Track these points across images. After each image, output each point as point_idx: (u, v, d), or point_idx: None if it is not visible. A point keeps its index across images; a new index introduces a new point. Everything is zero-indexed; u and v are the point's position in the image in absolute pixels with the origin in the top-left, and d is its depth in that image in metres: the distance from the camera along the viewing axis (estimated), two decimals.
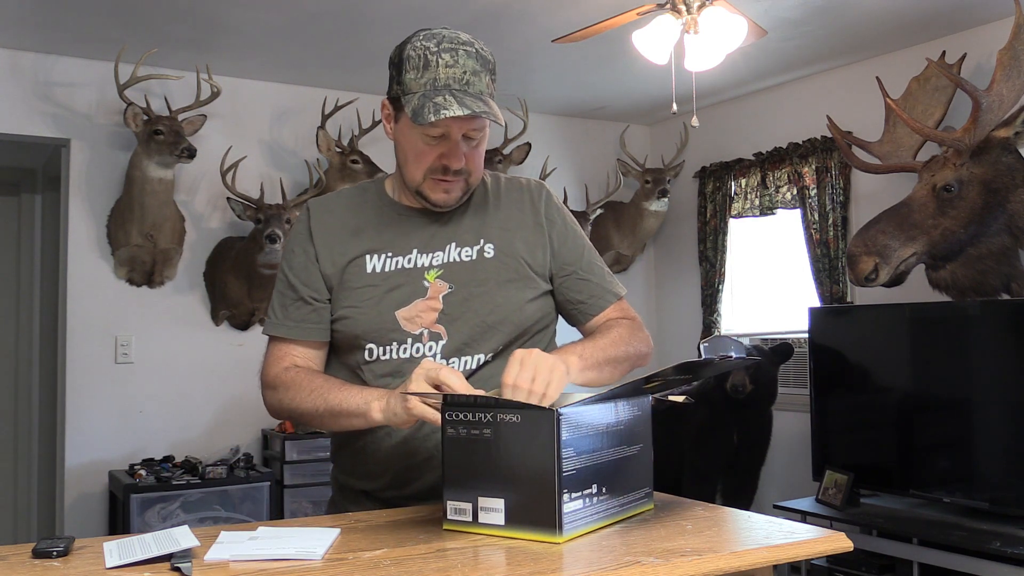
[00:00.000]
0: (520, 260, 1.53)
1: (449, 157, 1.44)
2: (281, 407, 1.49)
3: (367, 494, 1.57)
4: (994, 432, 3.25)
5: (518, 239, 1.55)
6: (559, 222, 1.59)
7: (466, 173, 1.47)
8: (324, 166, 4.23)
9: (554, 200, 1.62)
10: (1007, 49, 3.10)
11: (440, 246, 1.52)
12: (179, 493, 3.57)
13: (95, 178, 3.94)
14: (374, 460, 1.53)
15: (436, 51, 1.39)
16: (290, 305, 1.54)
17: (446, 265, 1.50)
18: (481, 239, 1.53)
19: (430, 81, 1.38)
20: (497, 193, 1.59)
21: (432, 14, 3.45)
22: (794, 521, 1.31)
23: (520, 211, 1.58)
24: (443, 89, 1.38)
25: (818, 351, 3.80)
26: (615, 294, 1.60)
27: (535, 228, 1.56)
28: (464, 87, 1.39)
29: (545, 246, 1.56)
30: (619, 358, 1.49)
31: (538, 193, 1.61)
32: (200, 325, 4.14)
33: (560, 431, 1.14)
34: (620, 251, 5.12)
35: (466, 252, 1.52)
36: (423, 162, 1.45)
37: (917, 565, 3.17)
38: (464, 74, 1.39)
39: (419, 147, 1.44)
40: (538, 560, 1.06)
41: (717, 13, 2.91)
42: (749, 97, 4.74)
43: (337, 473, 1.64)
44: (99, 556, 1.10)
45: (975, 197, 3.18)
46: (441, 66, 1.38)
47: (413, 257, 1.51)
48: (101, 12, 3.42)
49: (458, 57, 1.39)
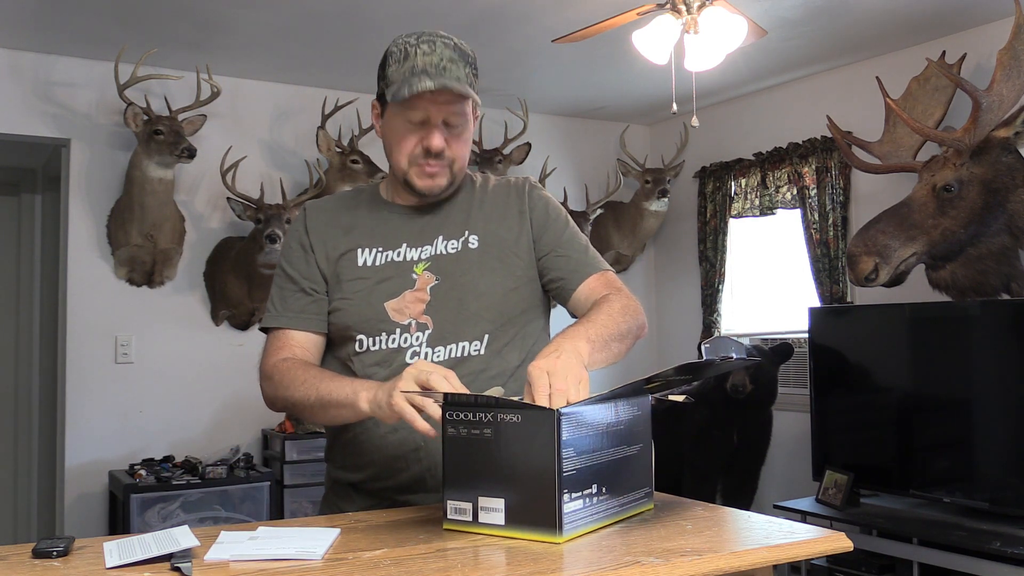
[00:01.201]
0: (504, 249, 1.56)
1: (429, 139, 1.48)
2: (276, 397, 1.50)
3: (355, 487, 1.58)
4: (994, 432, 3.24)
5: (503, 228, 1.58)
6: (540, 208, 1.61)
7: (449, 160, 1.52)
8: (324, 166, 4.23)
9: (539, 191, 1.64)
10: (1007, 49, 3.10)
11: (428, 240, 1.56)
12: (179, 493, 3.57)
13: (95, 178, 3.94)
14: (362, 451, 1.54)
15: (415, 44, 1.46)
16: (289, 297, 1.58)
17: (433, 258, 1.55)
18: (466, 231, 1.57)
19: (409, 68, 1.45)
20: (484, 190, 1.63)
21: (432, 14, 3.45)
22: (794, 521, 1.31)
23: (505, 203, 1.61)
24: (420, 72, 1.43)
25: (818, 351, 3.80)
26: (595, 267, 1.58)
27: (519, 217, 1.59)
28: (440, 71, 1.44)
29: (528, 232, 1.58)
30: (623, 333, 1.46)
31: (523, 185, 1.63)
32: (200, 325, 4.14)
33: (560, 431, 1.14)
34: (620, 251, 5.12)
35: (452, 244, 1.56)
36: (406, 148, 1.51)
37: (917, 565, 3.17)
38: (441, 60, 1.45)
39: (401, 133, 1.50)
40: (538, 560, 1.06)
41: (717, 13, 2.91)
42: (749, 97, 4.74)
43: (330, 468, 1.65)
44: (99, 556, 1.10)
45: (975, 197, 3.18)
46: (419, 55, 1.45)
47: (402, 251, 1.55)
48: (101, 12, 3.42)
49: (436, 47, 1.45)
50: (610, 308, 1.47)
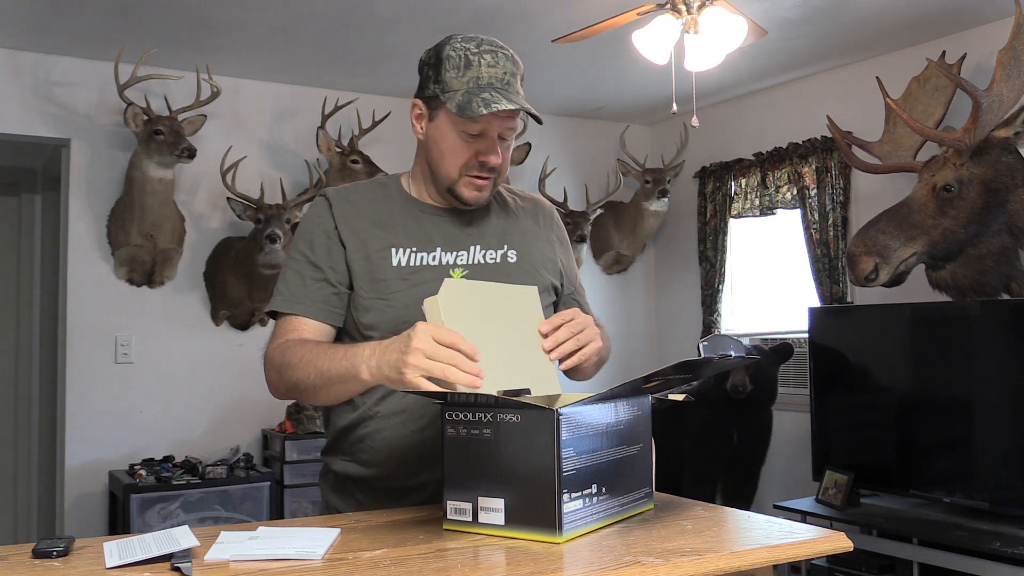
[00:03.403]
0: (539, 269, 1.61)
1: (487, 153, 1.48)
2: (280, 382, 1.44)
3: (363, 482, 1.55)
4: (994, 432, 3.25)
5: (535, 250, 1.63)
6: (565, 244, 1.71)
7: (497, 172, 1.52)
8: (324, 166, 4.23)
9: (560, 221, 1.75)
10: (1007, 49, 3.10)
11: (464, 246, 1.55)
12: (179, 493, 3.57)
13: (95, 178, 3.94)
14: (387, 446, 1.51)
15: (477, 52, 1.45)
16: (311, 284, 1.51)
17: (471, 266, 1.54)
18: (505, 244, 1.59)
19: (473, 79, 1.44)
20: (515, 202, 1.67)
21: (432, 14, 3.45)
22: (794, 521, 1.31)
23: (535, 224, 1.66)
24: (487, 87, 1.43)
25: (818, 351, 3.80)
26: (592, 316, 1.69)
27: (547, 243, 1.66)
28: (505, 86, 1.45)
29: (556, 262, 1.66)
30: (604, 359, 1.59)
31: (550, 213, 1.72)
32: (200, 325, 4.14)
33: (560, 431, 1.14)
34: (620, 251, 5.12)
35: (490, 255, 1.57)
36: (459, 159, 1.49)
37: (917, 565, 3.17)
38: (505, 74, 1.45)
39: (456, 144, 1.48)
40: (538, 560, 1.06)
41: (717, 13, 2.91)
42: (749, 97, 4.74)
43: (333, 461, 1.60)
44: (99, 556, 1.10)
45: (975, 197, 3.18)
46: (484, 66, 1.44)
47: (437, 255, 1.53)
48: (101, 12, 3.42)
49: (498, 59, 1.45)
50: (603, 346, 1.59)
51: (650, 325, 5.34)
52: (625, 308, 5.24)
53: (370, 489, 1.54)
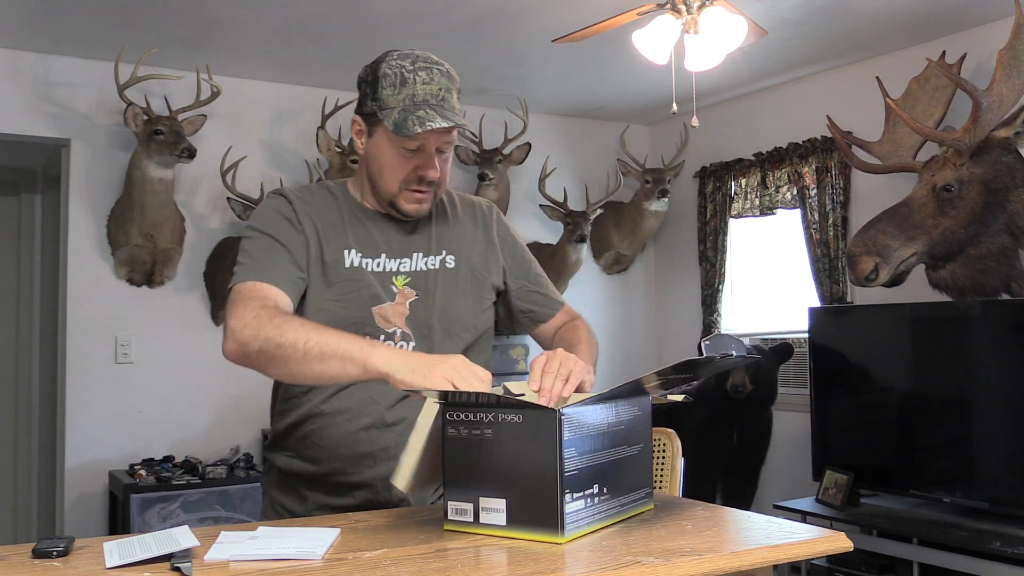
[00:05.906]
0: (476, 272, 1.64)
1: (425, 168, 1.52)
2: (255, 337, 1.35)
3: (308, 479, 1.56)
4: (994, 432, 3.25)
5: (474, 253, 1.65)
6: (508, 238, 1.71)
7: (436, 185, 1.55)
8: (324, 166, 4.23)
9: (502, 218, 1.76)
10: (1007, 49, 3.10)
11: (407, 253, 1.59)
12: (179, 493, 3.57)
13: (95, 178, 3.94)
14: (327, 444, 1.54)
15: (412, 69, 1.48)
16: (280, 260, 1.50)
17: (412, 273, 1.57)
18: (443, 250, 1.62)
19: (408, 97, 1.47)
20: (454, 207, 1.69)
21: (432, 14, 3.45)
22: (794, 521, 1.31)
23: (474, 226, 1.68)
24: (422, 104, 1.47)
25: (818, 351, 3.80)
26: (559, 302, 1.75)
27: (487, 244, 1.67)
28: (440, 103, 1.48)
29: (498, 262, 1.68)
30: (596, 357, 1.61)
31: (489, 212, 1.73)
32: (200, 325, 4.14)
33: (562, 431, 1.14)
34: (620, 251, 5.11)
35: (430, 261, 1.60)
36: (398, 174, 1.53)
37: (917, 565, 3.17)
38: (440, 91, 1.49)
39: (395, 160, 1.52)
40: (539, 560, 1.06)
41: (717, 13, 2.91)
42: (749, 97, 4.74)
43: (277, 457, 1.61)
44: (99, 556, 1.10)
45: (975, 197, 3.18)
46: (419, 83, 1.48)
47: (382, 261, 1.57)
48: (101, 12, 3.42)
49: (433, 75, 1.49)
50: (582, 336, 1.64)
51: (650, 325, 5.34)
52: (625, 308, 5.24)
53: (315, 484, 1.56)
